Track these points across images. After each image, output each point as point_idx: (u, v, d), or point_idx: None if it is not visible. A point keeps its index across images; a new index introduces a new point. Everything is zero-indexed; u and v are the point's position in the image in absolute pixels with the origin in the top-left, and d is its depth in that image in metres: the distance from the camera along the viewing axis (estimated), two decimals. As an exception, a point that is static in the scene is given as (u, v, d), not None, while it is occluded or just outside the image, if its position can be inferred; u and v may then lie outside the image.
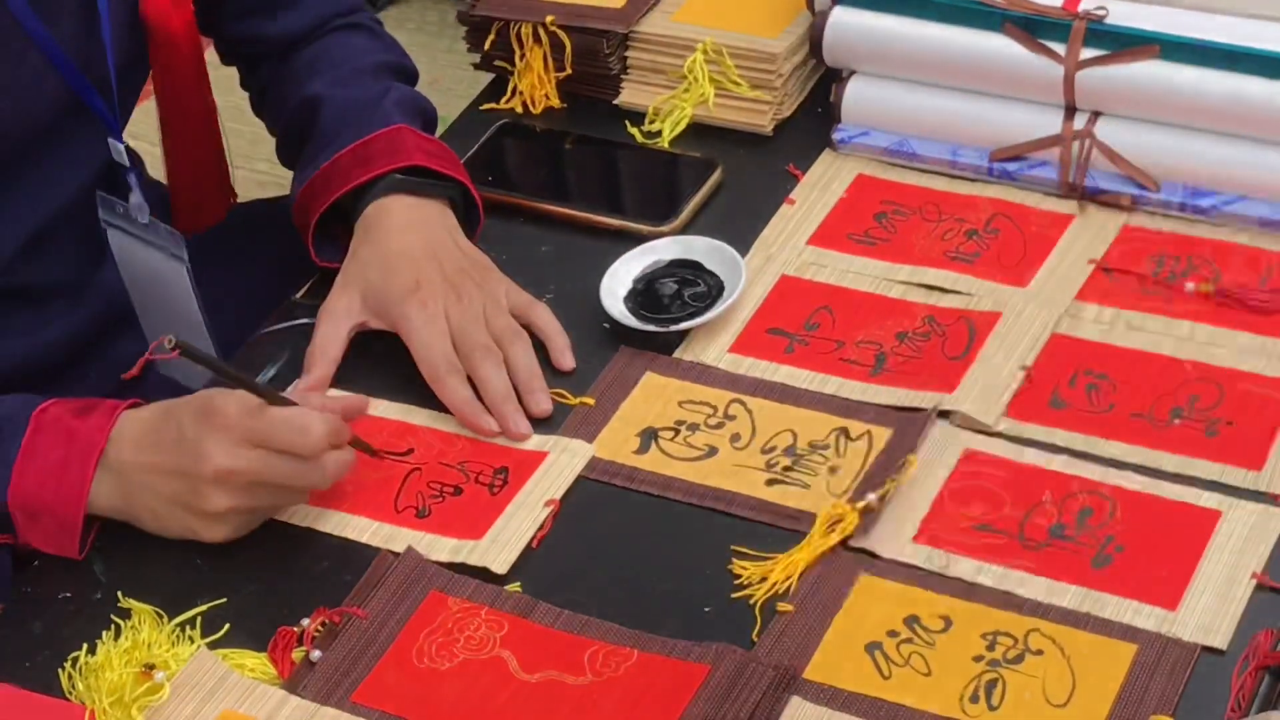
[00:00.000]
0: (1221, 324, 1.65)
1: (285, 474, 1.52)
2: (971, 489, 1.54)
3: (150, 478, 1.54)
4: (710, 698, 1.37)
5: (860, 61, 1.86)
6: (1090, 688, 1.38)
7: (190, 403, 1.54)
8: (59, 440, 1.54)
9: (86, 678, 1.42)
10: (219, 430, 1.50)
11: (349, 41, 1.87)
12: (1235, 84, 1.72)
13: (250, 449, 1.50)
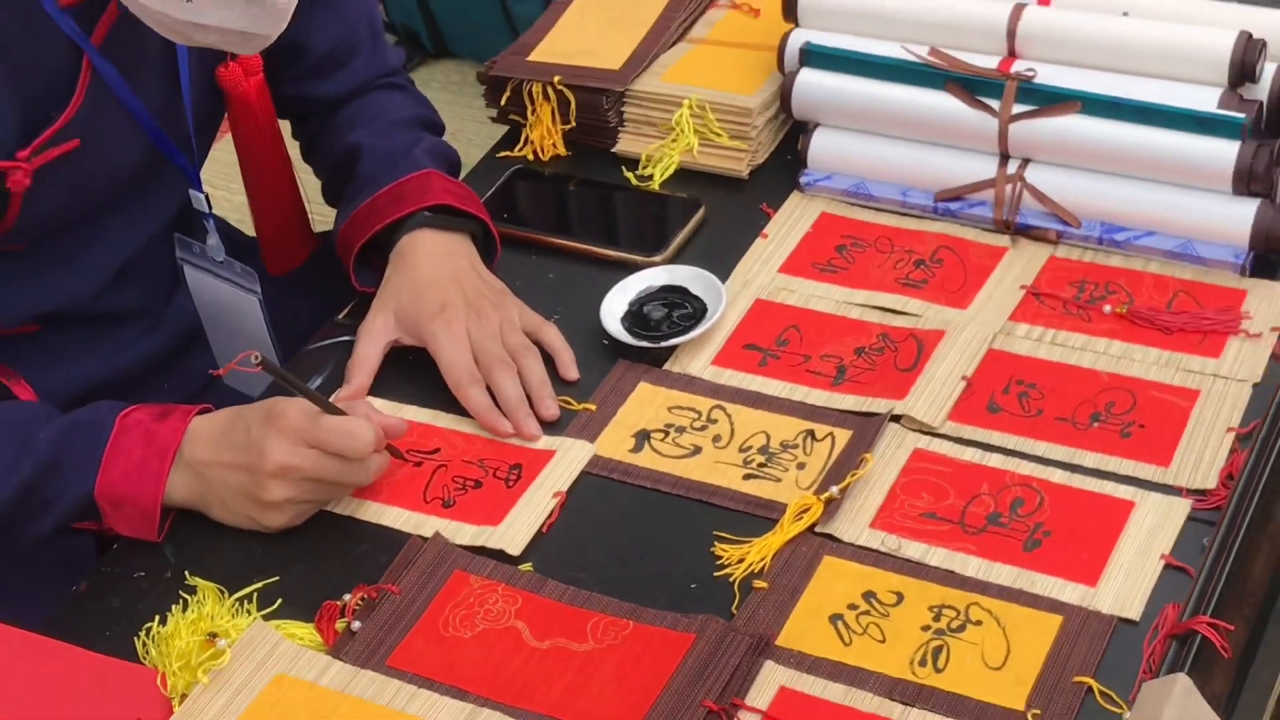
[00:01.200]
0: (1134, 341, 1.64)
1: (335, 472, 1.52)
2: (920, 483, 1.53)
3: (219, 472, 1.53)
4: (695, 662, 1.37)
5: (823, 115, 1.85)
6: (1022, 653, 1.38)
7: (257, 408, 1.54)
8: (140, 441, 1.54)
9: (158, 645, 1.42)
10: (281, 432, 1.50)
11: (386, 98, 1.87)
12: (1145, 135, 1.71)
13: (307, 449, 1.50)
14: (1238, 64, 1.69)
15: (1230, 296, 1.67)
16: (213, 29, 1.46)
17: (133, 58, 1.63)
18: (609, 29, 1.99)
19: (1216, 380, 1.59)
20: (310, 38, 1.80)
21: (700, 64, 1.95)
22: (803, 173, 1.86)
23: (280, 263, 1.90)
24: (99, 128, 1.63)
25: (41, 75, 1.57)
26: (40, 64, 1.57)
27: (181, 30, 1.48)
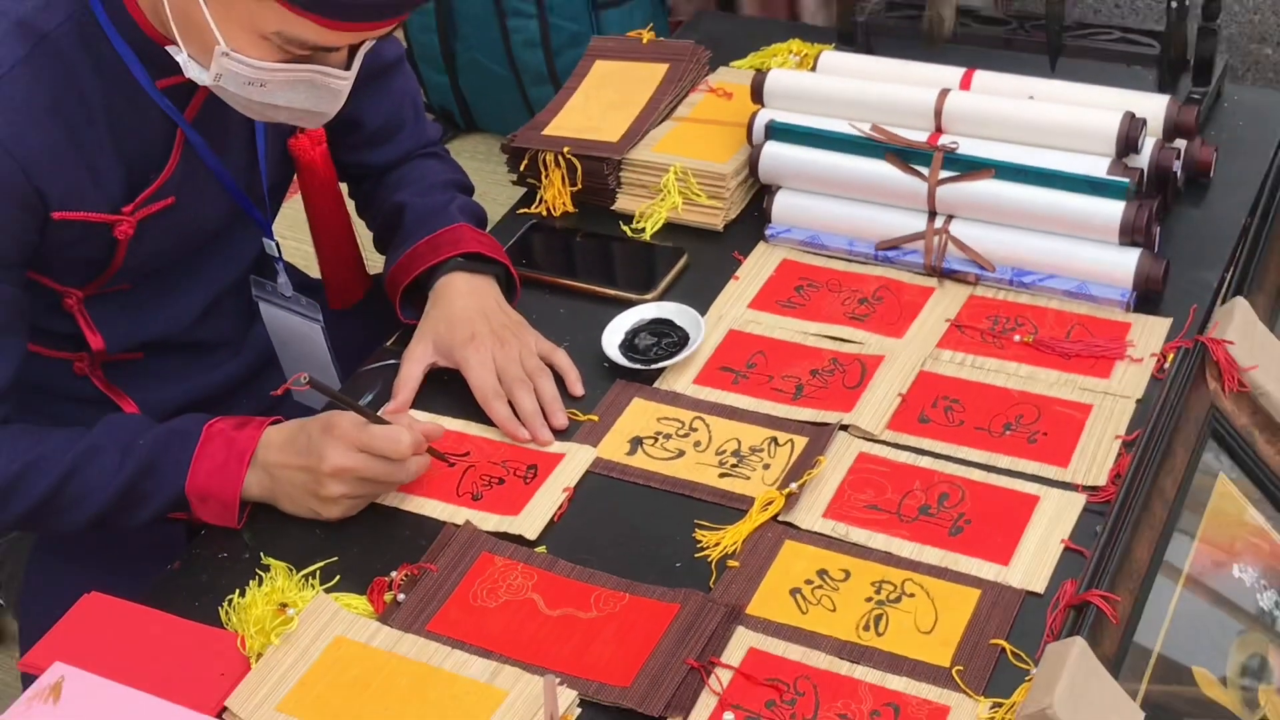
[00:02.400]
0: (1038, 364, 1.64)
1: (381, 472, 1.52)
2: (864, 480, 1.53)
3: (286, 473, 1.53)
4: (680, 627, 1.38)
5: (785, 180, 1.85)
6: (948, 620, 1.39)
7: (317, 420, 1.54)
8: (222, 447, 1.54)
9: (238, 614, 1.43)
10: (336, 439, 1.50)
11: (427, 165, 1.87)
12: (1047, 196, 1.71)
13: (357, 453, 1.50)
14: (1123, 138, 1.70)
15: (1117, 328, 1.67)
16: (283, 108, 1.47)
17: (218, 131, 1.63)
18: (608, 109, 1.99)
19: (1106, 397, 1.59)
20: (364, 114, 1.80)
21: (684, 138, 1.95)
22: (768, 227, 1.85)
23: (340, 299, 1.90)
24: (190, 188, 1.63)
25: (143, 144, 1.57)
26: (142, 134, 1.57)
27: (258, 110, 1.49)
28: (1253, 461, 1.58)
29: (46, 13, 1.48)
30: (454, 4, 2.65)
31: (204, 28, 1.40)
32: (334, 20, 1.36)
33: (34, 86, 1.47)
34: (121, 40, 1.51)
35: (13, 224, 1.49)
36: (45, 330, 1.65)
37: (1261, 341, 1.64)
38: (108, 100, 1.52)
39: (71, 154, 1.51)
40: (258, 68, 1.41)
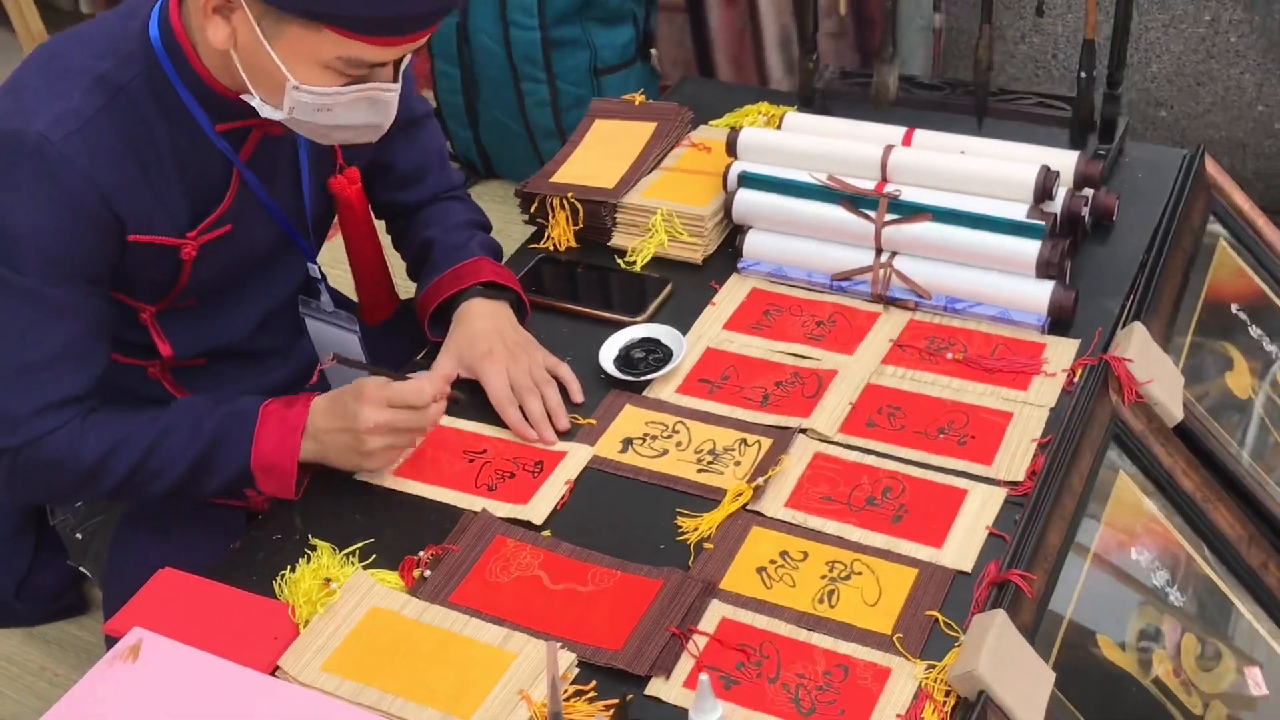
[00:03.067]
0: (967, 378, 1.63)
1: (410, 420, 1.52)
2: (819, 475, 1.53)
3: (331, 436, 1.53)
4: (663, 600, 1.37)
5: (754, 221, 1.84)
6: (890, 595, 1.38)
7: (349, 388, 1.54)
8: (277, 423, 1.55)
9: (289, 587, 1.42)
10: (367, 400, 1.51)
11: (451, 207, 1.85)
12: (975, 236, 1.70)
13: (386, 408, 1.50)
14: (1040, 187, 1.69)
15: (1034, 348, 1.66)
16: (347, 127, 1.47)
17: (268, 170, 1.62)
18: (606, 160, 1.98)
19: (1024, 406, 1.58)
20: (395, 160, 1.80)
21: (669, 185, 1.94)
22: (740, 261, 1.84)
23: (373, 316, 1.88)
24: (244, 217, 1.62)
25: (205, 180, 1.56)
26: (204, 172, 1.56)
27: (324, 133, 1.49)
28: (1149, 462, 1.58)
29: (123, 69, 1.48)
30: (477, 70, 2.65)
31: (273, 70, 1.40)
32: (380, 37, 1.37)
33: (113, 130, 1.46)
34: (186, 91, 1.50)
35: (98, 245, 1.48)
36: (124, 340, 1.64)
37: (1156, 360, 1.64)
38: (175, 142, 1.52)
39: (144, 187, 1.50)
40: (324, 94, 1.42)
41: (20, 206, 1.43)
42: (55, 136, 1.42)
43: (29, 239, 1.44)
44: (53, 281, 1.47)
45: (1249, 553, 1.62)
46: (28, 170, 1.43)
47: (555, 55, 2.58)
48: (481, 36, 2.60)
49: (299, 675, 1.32)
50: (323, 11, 1.33)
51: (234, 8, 1.38)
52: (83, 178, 1.44)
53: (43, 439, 1.50)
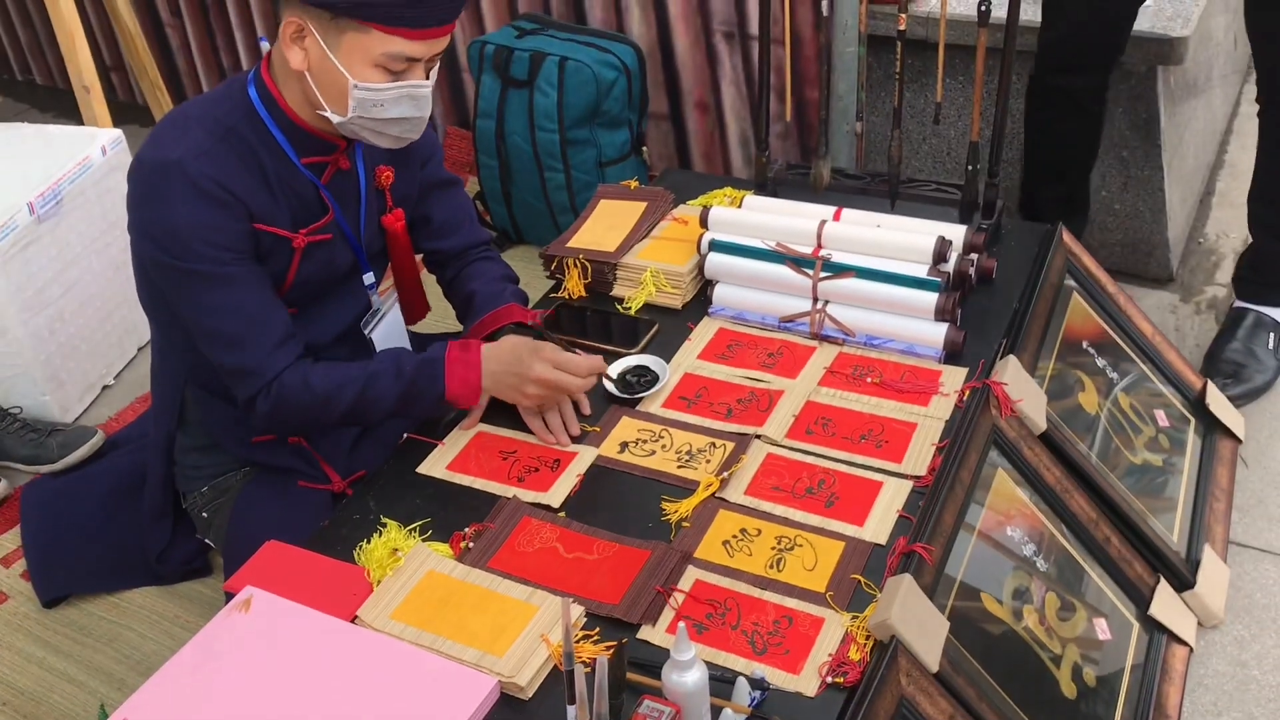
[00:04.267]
0: (883, 397, 1.62)
1: (566, 382, 1.54)
2: (770, 470, 1.51)
3: (504, 377, 1.55)
4: (651, 566, 1.36)
5: (721, 276, 1.82)
6: (824, 562, 1.36)
7: (525, 343, 1.56)
8: (461, 366, 1.55)
9: (365, 555, 1.41)
10: (539, 358, 1.53)
11: (488, 266, 1.81)
12: (888, 289, 1.69)
13: (552, 369, 1.53)
14: (937, 252, 1.68)
15: (933, 375, 1.65)
16: (396, 119, 1.48)
17: (340, 196, 1.61)
18: (609, 230, 1.96)
19: (926, 418, 1.57)
20: (433, 214, 1.77)
21: (656, 249, 1.91)
22: (710, 307, 1.82)
23: (410, 318, 1.84)
24: (336, 233, 1.61)
25: (300, 198, 1.56)
26: (299, 192, 1.56)
27: (379, 126, 1.49)
28: (1020, 461, 1.57)
29: (231, 113, 1.50)
30: (510, 162, 2.62)
31: (338, 77, 1.43)
32: (411, 29, 1.40)
33: (230, 155, 1.48)
34: (277, 128, 1.52)
35: (239, 227, 1.49)
36: None
37: (1025, 384, 1.63)
38: (275, 168, 1.52)
39: (262, 191, 1.51)
40: (375, 89, 1.44)
41: (178, 211, 1.45)
42: (189, 159, 1.45)
43: (192, 232, 1.45)
44: (222, 261, 1.48)
45: (1096, 530, 1.61)
46: (175, 185, 1.45)
47: (570, 151, 2.55)
48: (514, 138, 2.58)
49: (373, 622, 1.31)
50: (364, 7, 1.37)
51: (305, 34, 1.42)
52: (214, 182, 1.46)
53: (280, 375, 1.52)
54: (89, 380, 2.37)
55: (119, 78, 3.60)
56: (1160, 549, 1.67)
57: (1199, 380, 1.99)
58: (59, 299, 2.26)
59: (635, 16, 2.62)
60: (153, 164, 1.46)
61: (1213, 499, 1.84)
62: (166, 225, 1.46)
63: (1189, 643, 1.63)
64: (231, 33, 3.30)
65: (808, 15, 2.39)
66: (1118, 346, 1.90)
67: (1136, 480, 1.74)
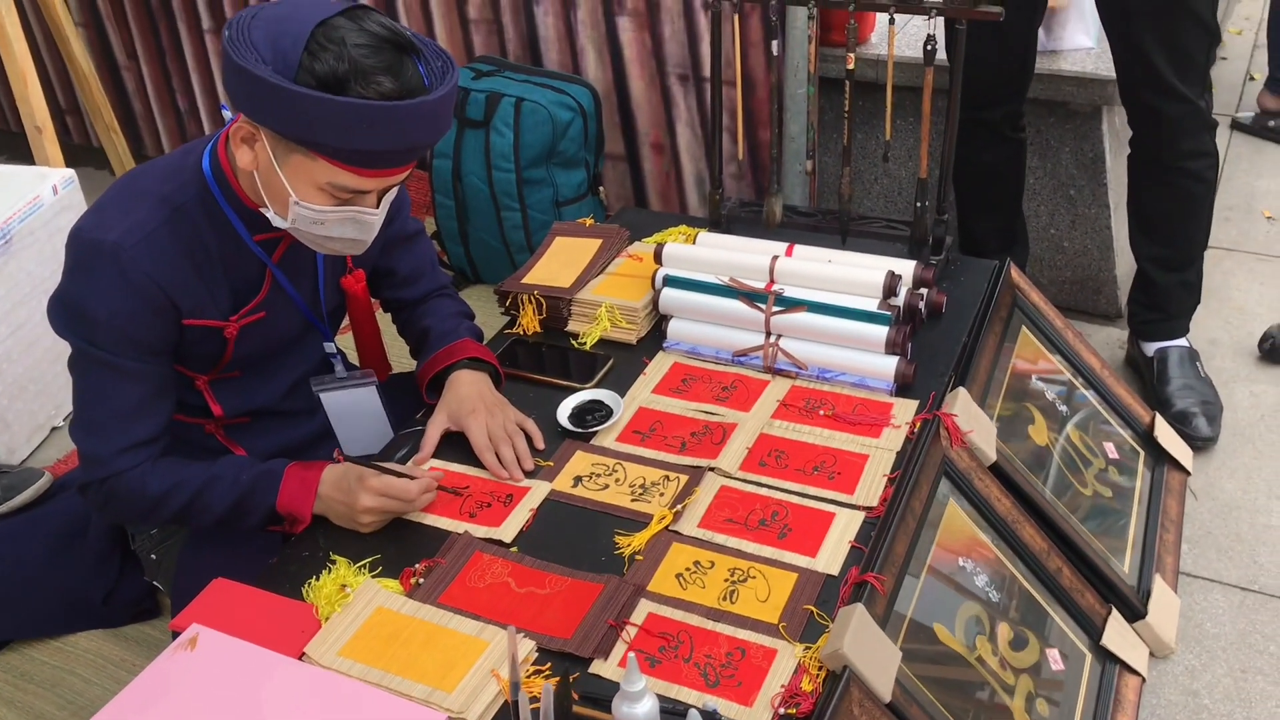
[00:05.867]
0: (835, 429, 1.62)
1: (396, 507, 1.49)
2: (724, 503, 1.50)
3: (334, 504, 1.51)
4: (603, 599, 1.35)
5: (676, 311, 1.82)
6: (776, 593, 1.36)
7: (354, 470, 1.50)
8: (298, 484, 1.52)
9: (314, 592, 1.39)
10: (366, 488, 1.47)
11: (443, 302, 1.81)
12: (839, 323, 1.70)
13: (379, 497, 1.47)
14: (887, 287, 1.69)
15: (884, 407, 1.65)
16: (336, 239, 1.45)
17: (294, 270, 1.59)
18: (564, 267, 1.96)
19: (877, 449, 1.57)
20: (397, 266, 1.76)
21: (611, 285, 1.92)
22: (665, 341, 1.83)
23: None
24: (275, 306, 1.59)
25: (244, 277, 1.54)
26: (244, 271, 1.53)
27: (319, 242, 1.46)
28: (971, 491, 1.57)
29: (181, 191, 1.46)
30: (467, 202, 2.63)
31: (281, 188, 1.39)
32: (363, 169, 1.35)
33: (171, 238, 1.44)
34: (229, 208, 1.48)
35: (159, 326, 1.46)
36: (185, 403, 1.61)
37: (974, 415, 1.64)
38: (221, 247, 1.49)
39: (196, 282, 1.48)
40: (317, 211, 1.40)
41: (99, 297, 1.41)
42: (126, 244, 1.40)
43: (105, 321, 1.42)
44: (123, 354, 1.45)
45: (1048, 561, 1.62)
46: (105, 270, 1.41)
47: (527, 191, 2.56)
48: (471, 177, 2.59)
49: (320, 659, 1.29)
50: (316, 143, 1.32)
51: (256, 139, 1.38)
52: (146, 275, 1.42)
53: (122, 474, 1.49)
54: (37, 421, 2.33)
55: (74, 120, 3.58)
56: (1111, 579, 1.68)
57: (1147, 413, 2.02)
58: (6, 339, 2.23)
59: (591, 59, 2.65)
60: (89, 241, 1.41)
61: (1163, 530, 1.86)
62: (81, 305, 1.42)
63: (1141, 673, 1.64)
64: (188, 75, 3.30)
65: (759, 58, 2.42)
66: (1067, 380, 1.93)
67: (1087, 512, 1.75)
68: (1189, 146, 1.97)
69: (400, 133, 1.32)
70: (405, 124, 1.32)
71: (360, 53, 1.30)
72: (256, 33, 1.31)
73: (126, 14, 3.29)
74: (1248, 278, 2.61)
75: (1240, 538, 1.90)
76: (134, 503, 1.50)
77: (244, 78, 1.30)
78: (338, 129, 1.30)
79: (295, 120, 1.30)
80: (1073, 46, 2.34)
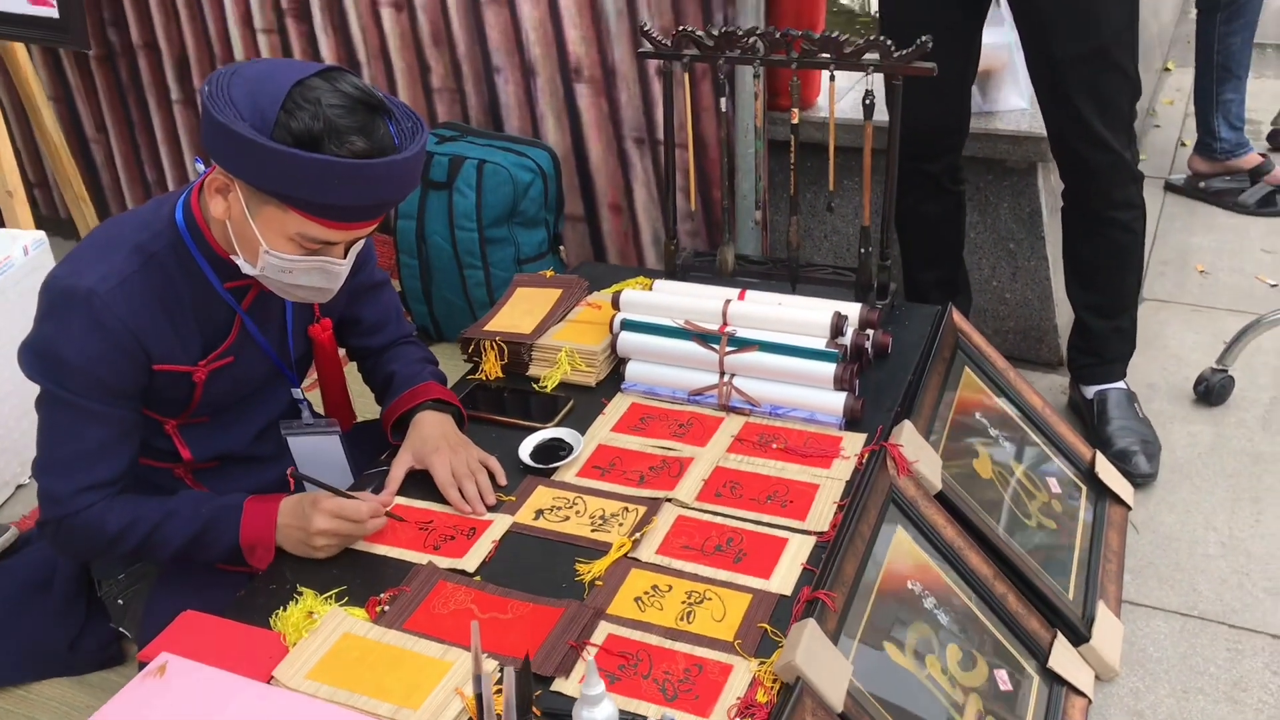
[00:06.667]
0: (788, 461, 1.67)
1: (347, 530, 1.53)
2: (681, 531, 1.54)
3: (291, 531, 1.54)
4: (564, 622, 1.38)
5: (633, 354, 1.88)
6: (732, 613, 1.39)
7: (308, 497, 1.54)
8: (258, 515, 1.55)
9: (282, 621, 1.41)
10: (319, 511, 1.52)
11: (407, 349, 1.84)
12: (790, 361, 1.76)
13: (332, 518, 1.51)
14: (834, 327, 1.76)
15: (834, 440, 1.71)
16: (303, 287, 1.48)
17: (262, 317, 1.62)
18: (524, 315, 2.01)
19: (828, 479, 1.62)
20: (362, 315, 1.80)
21: (571, 331, 1.97)
22: (623, 383, 1.87)
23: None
24: (243, 352, 1.62)
25: (214, 323, 1.57)
26: (214, 317, 1.57)
27: (287, 290, 1.50)
28: (918, 518, 1.62)
29: (154, 240, 1.50)
30: (431, 261, 2.69)
31: (252, 237, 1.43)
32: (333, 222, 1.39)
33: (144, 286, 1.48)
34: (201, 257, 1.52)
35: (129, 371, 1.49)
36: (153, 447, 1.64)
37: (920, 446, 1.70)
38: (192, 294, 1.53)
39: (167, 328, 1.51)
40: (285, 260, 1.44)
41: (71, 342, 1.45)
42: (100, 290, 1.44)
43: (76, 366, 1.45)
44: (92, 397, 1.48)
45: (994, 586, 1.67)
46: (78, 316, 1.44)
47: (490, 249, 2.62)
48: (435, 237, 2.65)
49: (288, 682, 1.31)
50: (289, 196, 1.36)
51: (230, 190, 1.43)
52: (119, 321, 1.45)
53: (79, 513, 1.51)
54: (3, 479, 2.34)
55: (42, 194, 3.62)
56: (1056, 605, 1.73)
57: (1089, 451, 2.09)
58: (-25, 395, 2.24)
59: (550, 125, 2.74)
60: (63, 288, 1.45)
61: (1105, 560, 1.92)
62: (54, 349, 1.46)
63: (1087, 694, 1.68)
64: (156, 148, 3.36)
65: (711, 122, 2.52)
66: (1009, 418, 2.00)
67: (1031, 542, 1.81)
68: (1118, 197, 2.07)
69: (370, 190, 1.38)
70: (375, 182, 1.37)
71: (335, 112, 1.35)
72: (236, 90, 1.37)
73: (97, 88, 3.36)
74: (1182, 327, 2.72)
75: (1180, 567, 1.97)
76: (92, 539, 1.52)
77: (221, 132, 1.35)
78: (310, 184, 1.35)
79: (270, 174, 1.35)
80: (1007, 108, 2.47)
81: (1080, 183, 2.10)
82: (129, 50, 3.24)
